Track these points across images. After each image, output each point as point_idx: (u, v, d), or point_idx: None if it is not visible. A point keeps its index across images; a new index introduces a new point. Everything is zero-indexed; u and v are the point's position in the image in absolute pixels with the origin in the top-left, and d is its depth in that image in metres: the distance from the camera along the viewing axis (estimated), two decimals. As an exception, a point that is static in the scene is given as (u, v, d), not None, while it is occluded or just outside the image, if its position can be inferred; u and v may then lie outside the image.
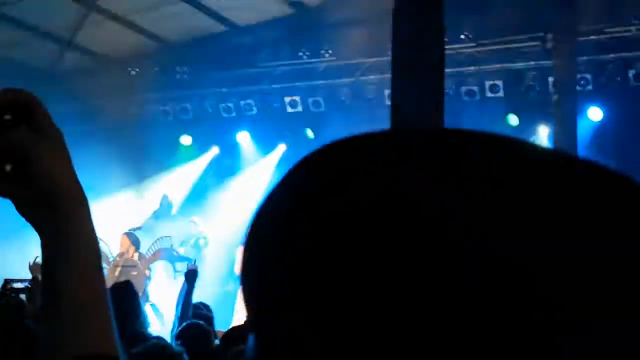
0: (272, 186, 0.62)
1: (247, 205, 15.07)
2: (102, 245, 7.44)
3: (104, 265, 10.25)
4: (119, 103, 13.33)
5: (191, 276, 6.70)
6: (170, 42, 14.22)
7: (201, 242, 13.38)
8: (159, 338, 5.53)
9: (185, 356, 4.20)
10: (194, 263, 8.89)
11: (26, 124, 1.06)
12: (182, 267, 12.13)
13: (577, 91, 11.53)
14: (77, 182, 1.10)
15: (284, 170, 0.62)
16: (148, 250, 12.73)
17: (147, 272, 11.81)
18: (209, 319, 6.23)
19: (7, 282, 5.86)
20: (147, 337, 5.23)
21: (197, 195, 15.51)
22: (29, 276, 6.86)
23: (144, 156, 13.99)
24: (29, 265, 7.11)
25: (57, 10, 12.59)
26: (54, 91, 12.90)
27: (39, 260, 1.16)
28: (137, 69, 14.64)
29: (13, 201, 1.08)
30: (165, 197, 14.72)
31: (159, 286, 12.14)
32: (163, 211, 14.40)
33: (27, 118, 1.06)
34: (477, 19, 12.68)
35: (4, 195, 1.07)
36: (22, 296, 6.16)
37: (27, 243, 11.51)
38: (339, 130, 13.71)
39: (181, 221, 14.24)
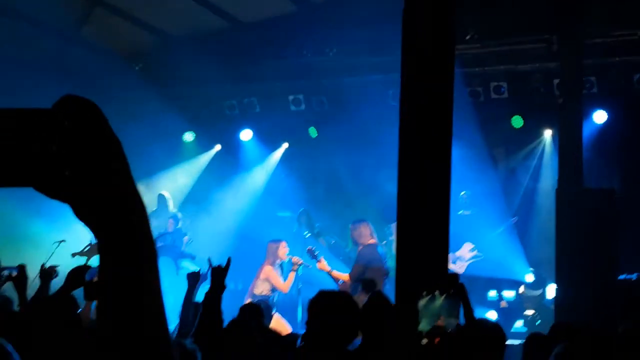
0: None
1: (249, 203, 15.08)
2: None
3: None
4: (122, 98, 13.28)
5: (192, 278, 6.46)
6: (174, 37, 14.18)
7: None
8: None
9: (198, 354, 4.19)
10: (193, 260, 8.76)
11: (86, 131, 1.06)
12: (186, 264, 12.10)
13: (582, 94, 11.51)
14: (135, 188, 1.12)
15: (287, 167, 0.61)
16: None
17: None
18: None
19: None
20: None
21: (199, 192, 15.48)
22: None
23: (147, 152, 13.95)
24: (41, 269, 7.02)
25: (62, 4, 12.55)
26: (58, 86, 12.88)
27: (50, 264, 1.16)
28: (141, 64, 14.60)
29: (71, 206, 1.08)
30: (161, 196, 14.63)
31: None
32: (161, 210, 14.31)
33: (87, 125, 1.07)
34: (482, 20, 12.64)
35: (63, 200, 1.07)
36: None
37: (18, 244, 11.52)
38: (342, 129, 13.70)
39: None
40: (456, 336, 4.83)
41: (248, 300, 11.02)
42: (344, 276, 10.69)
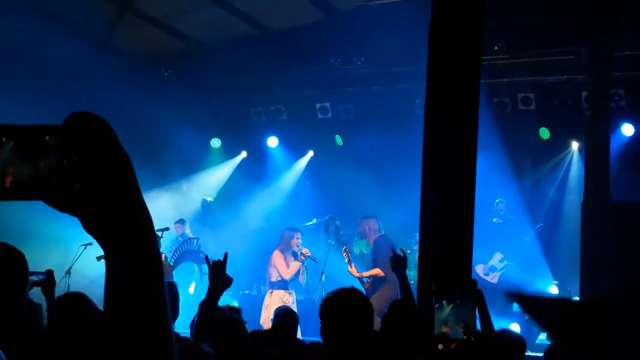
0: None
1: (273, 210, 15.11)
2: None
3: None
4: (150, 104, 13.36)
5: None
6: (203, 45, 14.27)
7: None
8: (186, 338, 5.55)
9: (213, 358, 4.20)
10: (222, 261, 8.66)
11: (97, 147, 1.10)
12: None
13: (611, 106, 11.44)
14: (142, 202, 1.15)
15: (312, 175, 0.63)
16: (174, 252, 12.71)
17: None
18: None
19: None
20: (179, 337, 5.29)
21: (224, 197, 15.54)
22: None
23: (174, 157, 14.04)
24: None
25: (93, 10, 12.67)
26: (88, 91, 12.99)
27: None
28: (170, 71, 14.71)
29: (80, 219, 1.12)
30: (205, 201, 14.85)
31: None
32: (206, 215, 14.52)
33: (98, 141, 1.11)
34: (510, 31, 12.60)
35: (72, 213, 1.11)
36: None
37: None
38: (368, 138, 13.71)
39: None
40: (474, 344, 4.81)
41: (269, 291, 11.19)
42: (375, 271, 10.70)
